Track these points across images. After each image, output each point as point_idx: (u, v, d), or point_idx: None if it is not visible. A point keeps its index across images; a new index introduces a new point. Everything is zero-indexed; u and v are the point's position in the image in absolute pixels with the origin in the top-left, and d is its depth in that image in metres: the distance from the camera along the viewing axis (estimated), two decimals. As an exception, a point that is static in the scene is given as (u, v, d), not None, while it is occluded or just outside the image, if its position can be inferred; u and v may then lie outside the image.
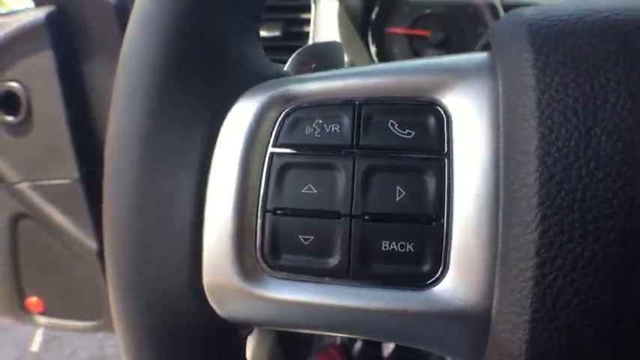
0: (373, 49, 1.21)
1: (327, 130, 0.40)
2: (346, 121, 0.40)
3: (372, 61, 1.18)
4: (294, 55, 0.59)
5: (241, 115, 0.41)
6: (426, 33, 1.22)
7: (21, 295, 1.58)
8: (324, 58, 0.60)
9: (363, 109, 0.40)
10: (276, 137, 0.41)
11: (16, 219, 1.52)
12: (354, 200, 0.38)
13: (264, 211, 0.39)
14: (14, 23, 1.42)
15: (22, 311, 1.60)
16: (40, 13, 1.37)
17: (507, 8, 1.21)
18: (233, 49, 0.43)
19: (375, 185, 0.38)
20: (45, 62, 1.41)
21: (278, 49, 1.17)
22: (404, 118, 0.39)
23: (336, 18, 1.12)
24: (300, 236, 0.39)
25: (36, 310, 1.59)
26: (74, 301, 1.51)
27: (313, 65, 0.58)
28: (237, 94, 0.42)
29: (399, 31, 1.23)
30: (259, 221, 0.39)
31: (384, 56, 1.22)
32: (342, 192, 0.38)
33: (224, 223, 0.40)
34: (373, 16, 1.21)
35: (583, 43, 0.31)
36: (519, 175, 0.33)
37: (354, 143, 0.39)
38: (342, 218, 0.38)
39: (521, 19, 0.33)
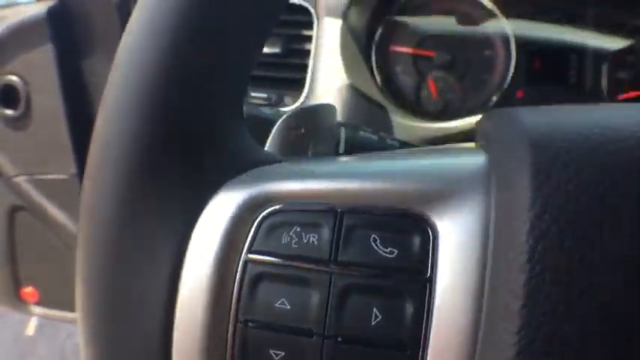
0: (376, 68, 1.17)
1: (305, 241, 0.38)
2: (326, 231, 0.38)
3: (375, 83, 1.14)
4: (282, 119, 0.56)
5: (217, 216, 0.39)
6: (431, 54, 1.18)
7: (17, 285, 1.59)
8: (315, 121, 0.58)
9: (345, 219, 0.38)
10: (252, 242, 0.39)
11: (12, 211, 1.52)
12: (327, 320, 0.36)
13: (236, 321, 0.37)
14: (15, 16, 1.39)
15: (17, 301, 1.62)
16: (42, 8, 1.34)
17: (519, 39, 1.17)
18: (217, 128, 0.41)
19: (351, 305, 0.36)
20: (45, 56, 1.39)
21: (278, 66, 1.14)
22: (387, 233, 0.37)
23: (339, 36, 1.08)
24: (270, 351, 0.37)
25: (31, 300, 1.60)
26: (68, 293, 1.53)
27: (302, 130, 0.56)
28: (216, 188, 0.40)
29: (404, 50, 1.19)
30: (230, 331, 0.37)
31: (387, 76, 1.19)
32: (316, 310, 0.37)
33: (194, 329, 0.38)
34: (377, 34, 1.17)
35: (591, 192, 0.28)
36: (499, 330, 0.31)
37: (332, 258, 0.37)
38: (315, 337, 0.37)
39: (525, 134, 0.31)
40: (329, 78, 1.09)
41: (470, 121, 1.07)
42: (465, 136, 1.11)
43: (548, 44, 1.20)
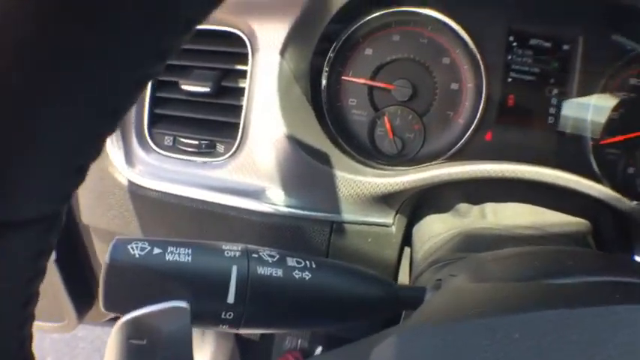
0: (326, 104, 1.00)
1: None
2: None
3: (321, 124, 0.98)
4: (117, 326, 0.44)
5: None
6: (390, 86, 1.00)
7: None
8: (160, 331, 0.45)
9: None
10: None
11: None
12: None
13: None
14: None
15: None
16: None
17: (490, 67, 0.99)
18: None
19: None
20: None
21: (209, 106, 0.97)
22: None
23: (276, 73, 0.91)
24: None
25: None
26: (39, 304, 1.54)
27: (145, 341, 0.43)
28: None
29: (357, 81, 1.01)
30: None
31: (337, 112, 1.02)
32: None
33: None
34: (327, 64, 0.99)
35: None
36: None
37: None
38: None
39: None
40: (264, 124, 0.93)
41: (425, 175, 0.92)
42: (419, 195, 0.97)
43: (525, 80, 1.01)
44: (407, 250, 1.05)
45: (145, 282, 0.58)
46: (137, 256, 0.59)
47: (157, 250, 0.60)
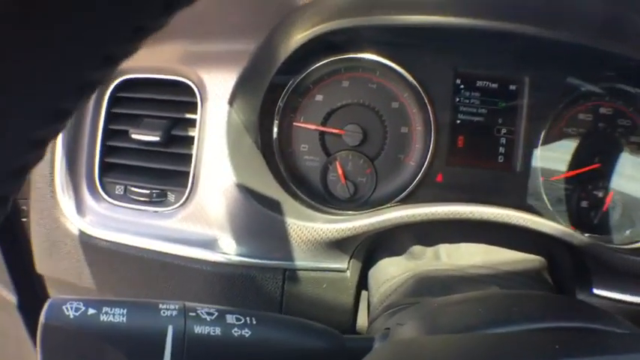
0: (278, 151, 1.00)
1: None
2: None
3: (272, 171, 0.98)
4: None
5: None
6: (341, 131, 1.01)
7: None
8: None
9: None
10: None
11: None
12: None
13: None
14: None
15: None
16: None
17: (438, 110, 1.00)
18: None
19: None
20: None
21: (159, 155, 0.97)
22: None
23: (225, 122, 0.91)
24: None
25: None
26: (2, 348, 1.50)
27: None
28: None
29: (309, 127, 1.01)
30: None
31: (289, 159, 1.02)
32: None
33: None
34: (278, 108, 0.99)
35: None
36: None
37: None
38: None
39: None
40: (214, 173, 0.93)
41: (377, 219, 0.92)
42: (373, 238, 0.96)
43: (474, 121, 1.03)
44: (366, 292, 1.04)
45: (79, 343, 0.57)
46: (71, 317, 0.58)
47: (91, 311, 0.59)
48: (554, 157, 1.06)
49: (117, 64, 0.31)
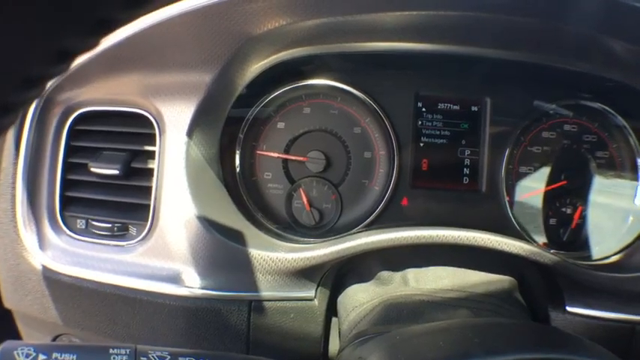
0: (241, 181, 0.99)
1: None
2: None
3: (234, 202, 0.96)
4: None
5: None
6: (304, 158, 1.00)
7: None
8: None
9: None
10: None
11: None
12: None
13: None
14: None
15: None
16: None
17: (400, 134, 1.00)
18: None
19: None
20: None
21: (118, 188, 0.95)
22: None
23: (184, 154, 0.90)
24: None
25: None
26: None
27: None
28: None
29: (272, 155, 1.00)
30: None
31: (253, 188, 1.01)
32: None
33: None
34: (239, 139, 0.98)
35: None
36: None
37: None
38: None
39: None
40: (175, 205, 0.92)
41: (341, 247, 0.90)
42: (340, 265, 0.95)
43: (437, 143, 1.03)
44: (337, 320, 1.03)
45: (31, 389, 0.57)
46: (23, 362, 0.58)
47: (42, 357, 0.59)
48: (519, 176, 1.06)
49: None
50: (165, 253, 0.94)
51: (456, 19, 0.89)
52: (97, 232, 0.99)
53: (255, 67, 0.95)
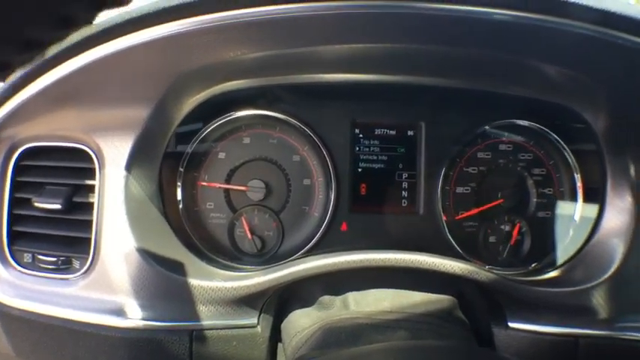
0: (183, 210, 1.01)
1: None
2: None
3: (176, 233, 0.98)
4: None
5: None
6: (244, 188, 1.02)
7: None
8: None
9: None
10: None
11: None
12: None
13: None
14: None
15: None
16: None
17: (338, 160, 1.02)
18: None
19: None
20: None
21: (61, 222, 0.97)
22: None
23: (123, 187, 0.92)
24: None
25: None
26: None
27: None
28: None
29: (213, 185, 1.02)
30: None
31: (196, 218, 1.03)
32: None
33: None
34: (181, 169, 1.00)
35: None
36: None
37: None
38: None
39: None
40: (115, 239, 0.94)
41: (281, 274, 0.92)
42: (282, 291, 0.96)
43: (375, 168, 1.05)
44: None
45: None
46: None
47: None
48: (456, 197, 1.08)
49: None
50: (106, 286, 0.96)
51: (390, 50, 0.91)
52: (43, 265, 1.00)
53: (191, 101, 0.98)
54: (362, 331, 0.95)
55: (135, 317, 0.94)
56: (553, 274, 1.04)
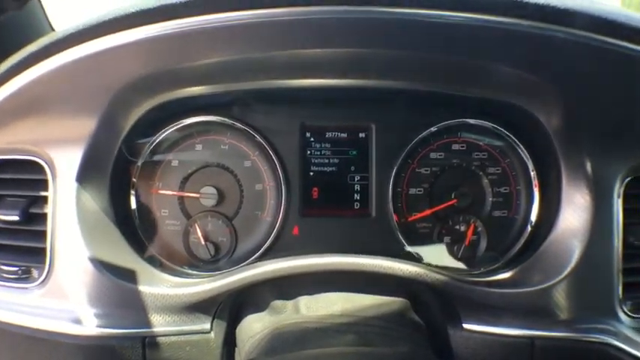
0: (137, 219, 1.02)
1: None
2: None
3: (129, 241, 0.99)
4: None
5: None
6: (197, 194, 1.03)
7: None
8: None
9: None
10: None
11: None
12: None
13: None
14: None
15: None
16: None
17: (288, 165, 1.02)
18: None
19: None
20: None
21: (20, 233, 1.00)
22: None
23: (75, 195, 0.93)
24: None
25: None
26: None
27: None
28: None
29: (167, 193, 1.03)
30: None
31: (150, 226, 1.04)
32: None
33: None
34: (134, 179, 1.02)
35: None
36: None
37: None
38: None
39: None
40: (69, 248, 0.96)
41: (231, 279, 0.94)
42: (236, 296, 0.97)
43: (327, 171, 1.05)
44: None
45: None
46: None
47: None
48: (409, 198, 1.08)
49: None
50: (62, 295, 0.98)
51: (340, 55, 0.91)
52: (5, 275, 1.03)
53: (138, 110, 0.99)
54: (310, 336, 0.95)
55: (89, 324, 0.96)
56: (508, 274, 1.03)
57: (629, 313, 0.98)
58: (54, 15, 1.27)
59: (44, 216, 1.01)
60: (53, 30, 1.26)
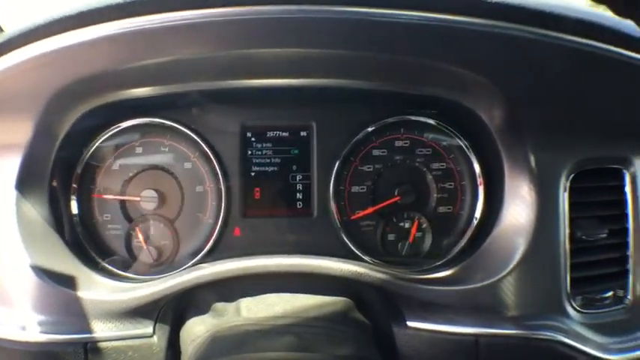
0: (79, 224, 1.02)
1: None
2: None
3: (72, 252, 0.99)
4: None
5: None
6: (137, 198, 1.02)
7: None
8: None
9: None
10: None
11: None
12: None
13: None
14: None
15: None
16: None
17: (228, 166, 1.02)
18: None
19: None
20: None
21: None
22: None
23: (14, 203, 0.92)
24: None
25: None
26: None
27: None
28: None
29: (108, 197, 1.03)
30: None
31: (92, 231, 1.05)
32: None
33: None
34: (75, 185, 1.01)
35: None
36: None
37: None
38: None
39: None
40: (10, 256, 0.96)
41: (171, 283, 0.94)
42: (178, 300, 0.96)
43: (269, 171, 1.05)
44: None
45: None
46: None
47: None
48: (351, 196, 1.07)
49: None
50: (5, 300, 0.97)
51: (282, 55, 0.90)
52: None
53: (74, 114, 0.98)
54: (249, 338, 0.95)
55: (33, 331, 0.97)
56: (452, 271, 1.02)
57: (579, 309, 0.98)
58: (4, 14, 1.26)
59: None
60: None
